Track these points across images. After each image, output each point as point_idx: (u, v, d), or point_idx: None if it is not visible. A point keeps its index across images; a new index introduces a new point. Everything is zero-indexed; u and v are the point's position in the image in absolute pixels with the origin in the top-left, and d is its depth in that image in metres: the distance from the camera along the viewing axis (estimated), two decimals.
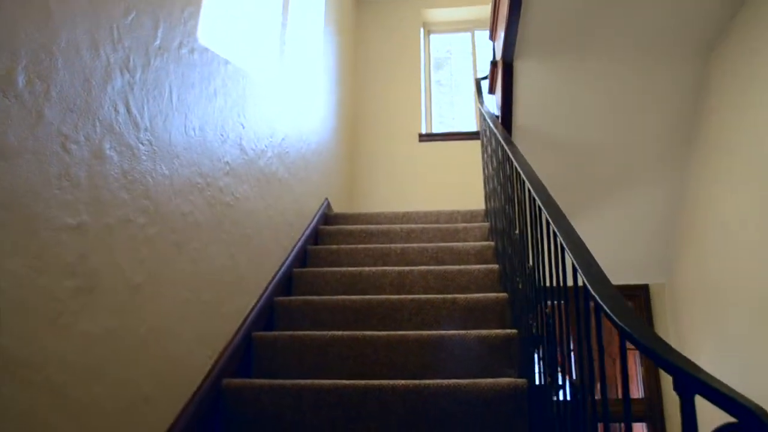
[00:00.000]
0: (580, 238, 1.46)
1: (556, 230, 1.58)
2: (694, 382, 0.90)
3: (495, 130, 3.03)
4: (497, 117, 3.80)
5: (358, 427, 2.16)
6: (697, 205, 3.84)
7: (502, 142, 2.72)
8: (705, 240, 3.75)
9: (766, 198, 2.95)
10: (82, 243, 1.53)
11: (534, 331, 2.11)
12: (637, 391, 4.53)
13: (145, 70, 1.86)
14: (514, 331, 2.48)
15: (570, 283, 1.50)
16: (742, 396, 0.86)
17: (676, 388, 0.93)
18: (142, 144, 1.84)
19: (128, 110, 1.78)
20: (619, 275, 4.52)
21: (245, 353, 2.56)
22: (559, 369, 1.98)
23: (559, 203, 1.78)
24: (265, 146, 3.02)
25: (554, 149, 3.79)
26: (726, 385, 0.88)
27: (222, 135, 2.47)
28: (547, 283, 1.89)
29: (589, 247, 1.45)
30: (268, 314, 2.86)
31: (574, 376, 1.89)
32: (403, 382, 2.20)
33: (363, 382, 2.21)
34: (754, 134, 3.05)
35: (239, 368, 2.49)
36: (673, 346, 3.72)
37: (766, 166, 2.96)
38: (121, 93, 1.74)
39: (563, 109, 3.63)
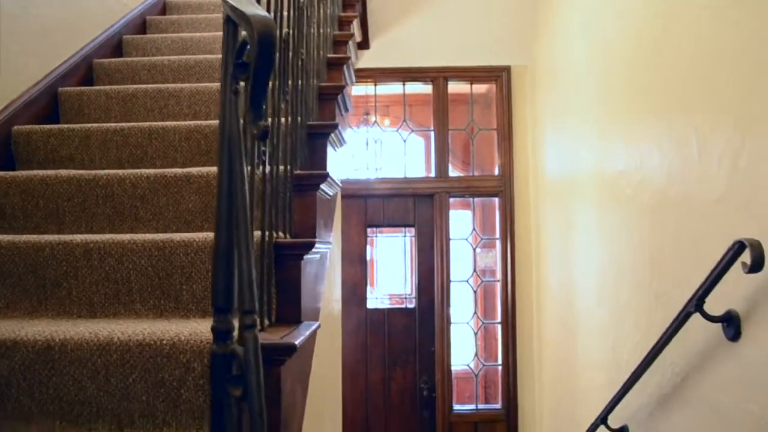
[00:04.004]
0: None
1: None
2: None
3: None
4: None
5: (145, 164, 2.26)
6: None
7: None
8: (561, 25, 3.78)
9: None
10: None
11: None
12: (494, 170, 4.79)
13: None
14: None
15: None
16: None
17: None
18: None
19: None
20: (481, 55, 4.57)
21: (50, 107, 2.57)
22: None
23: None
24: None
25: None
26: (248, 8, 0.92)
27: None
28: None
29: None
30: (85, 74, 2.84)
31: None
32: (185, 123, 2.27)
33: (147, 124, 2.27)
34: None
35: (43, 120, 2.51)
36: (530, 124, 3.87)
37: None
38: None
39: None
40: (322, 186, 1.95)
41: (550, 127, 4.08)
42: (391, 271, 4.92)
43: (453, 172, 4.93)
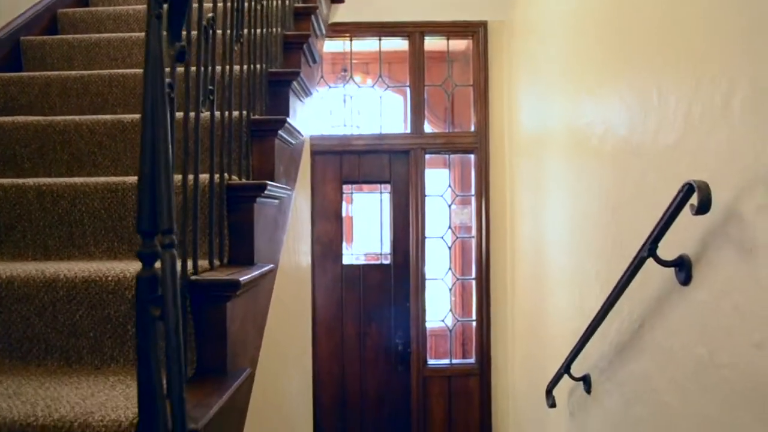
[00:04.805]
0: None
1: None
2: None
3: None
4: None
5: (106, 112, 2.24)
6: None
7: None
8: None
9: None
10: None
11: None
12: (470, 127, 4.78)
13: None
14: None
15: None
16: None
17: None
18: None
19: None
20: (458, 10, 4.52)
21: (13, 56, 2.54)
22: None
23: None
24: None
25: None
26: None
27: None
28: None
29: None
30: (49, 23, 2.80)
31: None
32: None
33: (108, 71, 2.24)
34: None
35: (5, 69, 2.48)
36: (506, 80, 3.84)
37: None
38: None
39: None
40: (282, 133, 1.95)
41: (525, 82, 4.06)
42: (368, 228, 4.93)
43: (430, 129, 4.91)
